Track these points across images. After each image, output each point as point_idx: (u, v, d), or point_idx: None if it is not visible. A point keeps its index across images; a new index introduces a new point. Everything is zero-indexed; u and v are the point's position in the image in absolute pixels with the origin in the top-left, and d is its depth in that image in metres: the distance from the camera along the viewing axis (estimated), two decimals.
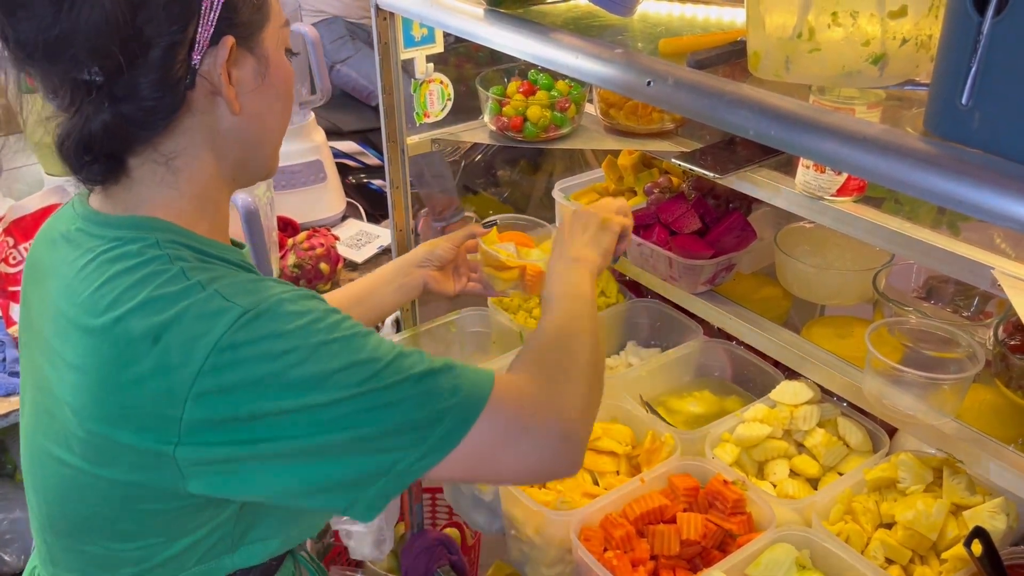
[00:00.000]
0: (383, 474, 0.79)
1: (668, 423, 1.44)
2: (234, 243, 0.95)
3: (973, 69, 0.70)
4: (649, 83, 1.00)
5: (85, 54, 0.76)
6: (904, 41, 0.86)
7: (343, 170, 2.72)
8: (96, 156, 0.82)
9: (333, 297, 1.31)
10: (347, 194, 2.57)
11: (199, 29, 0.80)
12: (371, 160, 3.23)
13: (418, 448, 0.79)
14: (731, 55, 1.04)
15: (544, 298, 1.06)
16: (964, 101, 0.72)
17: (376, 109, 3.21)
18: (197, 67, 0.81)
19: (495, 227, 1.35)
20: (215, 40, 0.82)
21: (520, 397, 0.86)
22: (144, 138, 0.82)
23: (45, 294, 0.88)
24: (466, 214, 3.13)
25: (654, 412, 1.46)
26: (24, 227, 1.81)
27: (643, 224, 1.48)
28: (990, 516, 1.13)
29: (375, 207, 2.82)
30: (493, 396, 0.83)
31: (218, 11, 0.81)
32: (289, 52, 0.92)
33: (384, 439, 0.79)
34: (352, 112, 3.17)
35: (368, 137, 3.20)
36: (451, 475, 0.84)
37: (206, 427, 0.76)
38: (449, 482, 0.86)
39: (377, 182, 3.20)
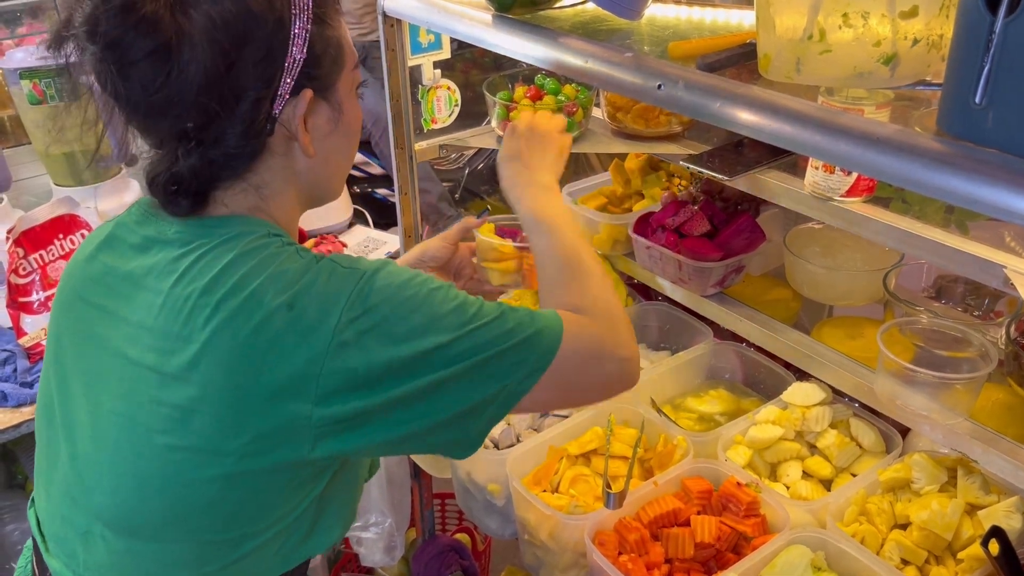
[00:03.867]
0: (493, 400, 0.89)
1: (680, 426, 1.44)
2: None
3: (986, 68, 0.70)
4: (660, 86, 1.00)
5: (185, 110, 0.84)
6: (915, 41, 0.86)
7: (348, 180, 2.73)
8: (183, 192, 0.88)
9: None
10: (353, 202, 2.58)
11: (282, 83, 0.87)
12: (375, 169, 3.24)
13: (520, 370, 0.90)
14: (741, 57, 1.04)
15: (537, 222, 1.10)
16: (977, 100, 0.72)
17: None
18: (277, 116, 0.89)
19: (487, 219, 1.32)
20: (295, 91, 0.89)
21: (588, 332, 0.96)
22: (227, 176, 0.90)
23: (139, 293, 0.91)
24: (467, 219, 3.13)
25: (665, 416, 1.46)
26: (34, 238, 1.82)
27: (654, 227, 1.48)
28: (1006, 515, 1.13)
29: (380, 215, 2.83)
30: (566, 328, 0.94)
31: (299, 67, 0.88)
32: (359, 87, 1.00)
33: (491, 367, 0.88)
34: None
35: (371, 148, 3.22)
36: (546, 398, 0.93)
37: (344, 381, 0.83)
38: (543, 407, 0.99)
39: (382, 191, 3.22)
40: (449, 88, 1.66)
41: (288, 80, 0.87)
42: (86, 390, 0.93)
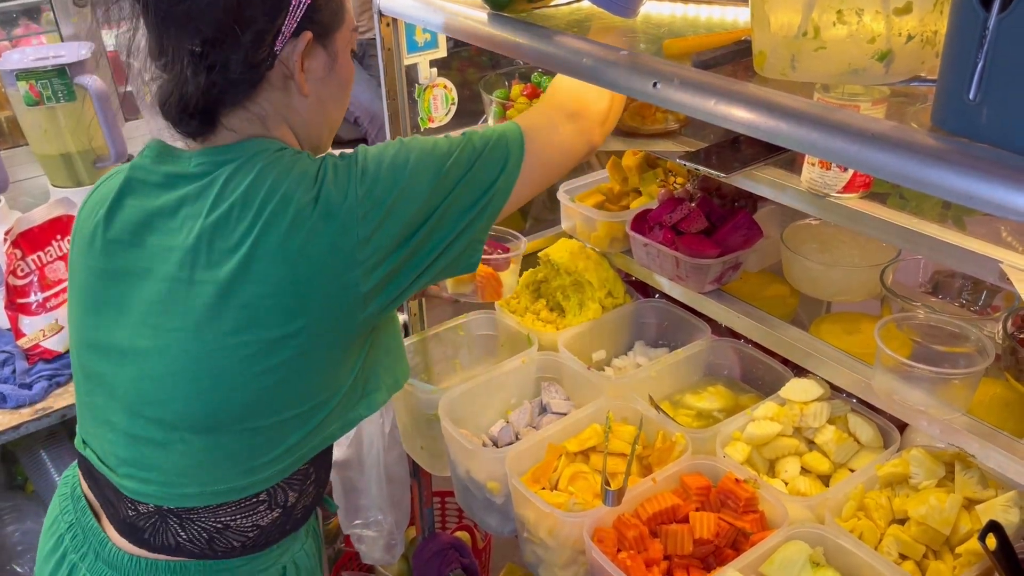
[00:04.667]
0: (493, 193, 1.07)
1: (678, 423, 1.44)
2: None
3: (980, 64, 0.70)
4: (655, 84, 1.00)
5: (201, 26, 0.95)
6: (910, 38, 0.87)
7: None
8: (192, 113, 0.99)
9: None
10: None
11: (285, 22, 0.98)
12: None
13: (506, 166, 1.08)
14: (736, 55, 1.04)
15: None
16: (971, 96, 0.72)
17: (355, 124, 3.21)
18: (278, 53, 0.99)
19: None
20: (296, 33, 1.00)
21: (539, 112, 1.19)
22: (231, 102, 1.01)
23: (177, 223, 1.01)
24: None
25: (663, 412, 1.46)
26: (32, 239, 1.82)
27: (651, 225, 1.48)
28: (1003, 510, 1.13)
29: None
30: (519, 121, 1.14)
31: (303, 10, 0.99)
32: (353, 53, 1.11)
33: (483, 171, 1.06)
34: (350, 121, 3.19)
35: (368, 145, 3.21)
36: (533, 179, 1.12)
37: (378, 243, 0.98)
38: (537, 185, 1.14)
39: None
40: (445, 87, 1.66)
41: (292, 19, 0.98)
42: (143, 319, 1.02)
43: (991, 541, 1.02)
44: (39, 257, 1.84)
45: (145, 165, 1.05)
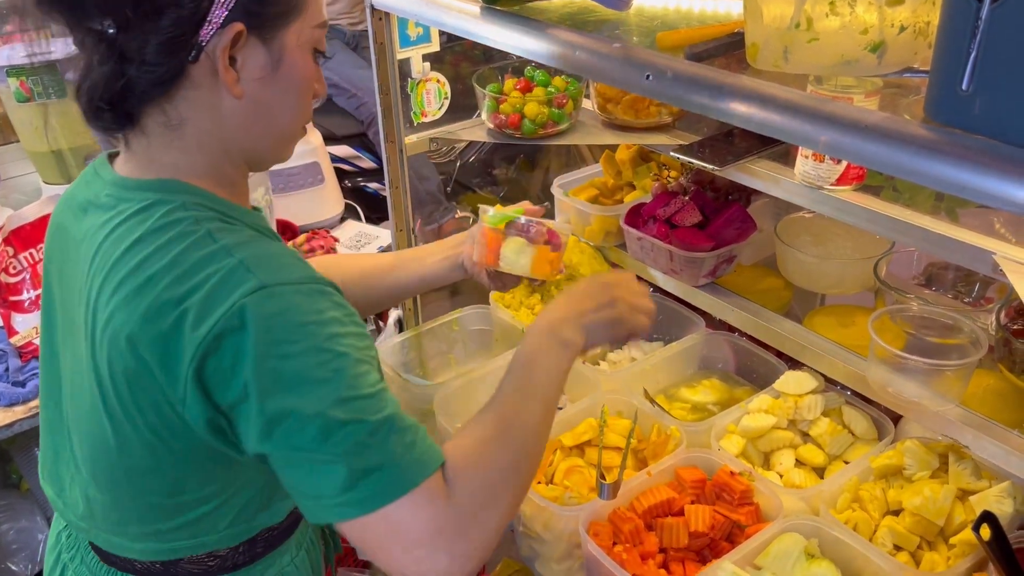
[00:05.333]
0: (314, 497, 0.82)
1: (673, 416, 1.44)
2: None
3: (973, 55, 0.71)
4: (648, 77, 1.00)
5: (100, 4, 0.81)
6: (902, 28, 0.87)
7: (339, 174, 2.73)
8: (104, 106, 0.86)
9: (374, 258, 1.30)
10: (344, 197, 2.57)
11: (212, 9, 0.83)
12: (366, 163, 3.23)
13: (348, 493, 0.80)
14: (729, 47, 1.04)
15: (523, 368, 0.99)
16: (964, 87, 0.72)
17: (360, 108, 3.19)
18: (204, 44, 0.84)
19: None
20: (226, 23, 0.84)
21: (446, 509, 0.84)
22: (147, 98, 0.86)
23: (77, 259, 0.92)
24: (459, 214, 3.13)
25: (658, 406, 1.46)
26: (24, 236, 1.81)
27: (645, 219, 1.48)
28: (997, 500, 1.14)
29: (372, 210, 2.83)
30: (423, 488, 0.82)
31: None
32: (317, 53, 0.94)
33: (319, 468, 0.81)
34: (345, 117, 3.19)
35: (362, 141, 3.21)
36: (359, 537, 0.83)
37: (202, 389, 0.82)
38: (353, 542, 0.85)
39: (373, 185, 3.21)
40: (439, 81, 1.66)
41: (220, 8, 0.83)
42: (62, 348, 0.97)
43: (985, 532, 1.03)
44: (31, 254, 1.84)
45: (80, 183, 0.98)
